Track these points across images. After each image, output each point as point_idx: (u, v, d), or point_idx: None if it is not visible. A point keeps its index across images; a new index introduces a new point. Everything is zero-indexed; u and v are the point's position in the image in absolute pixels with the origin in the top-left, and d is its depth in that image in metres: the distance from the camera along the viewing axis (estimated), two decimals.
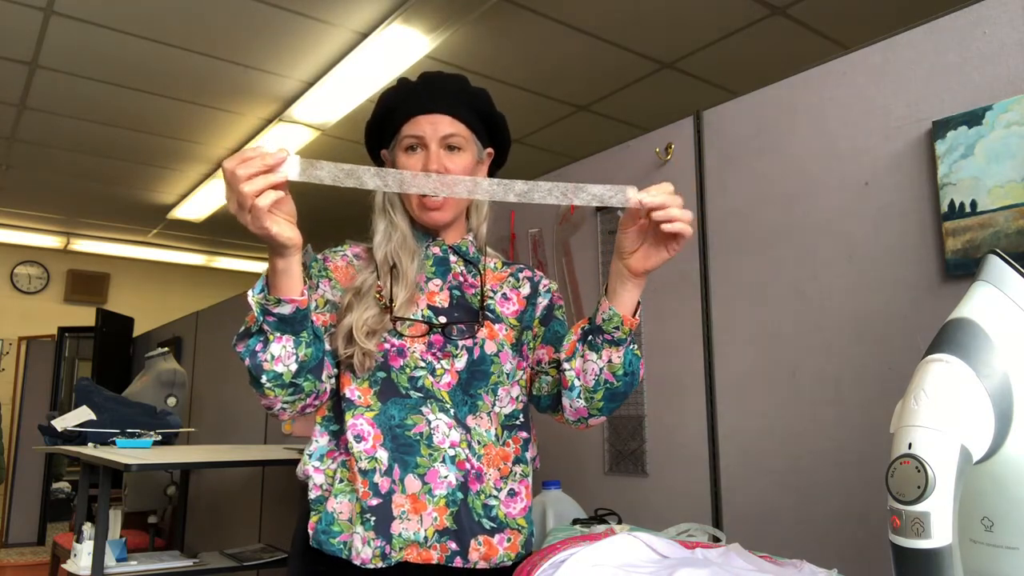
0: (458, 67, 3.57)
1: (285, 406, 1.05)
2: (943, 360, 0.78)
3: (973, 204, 1.24)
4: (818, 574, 0.94)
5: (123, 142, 4.62)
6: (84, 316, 6.46)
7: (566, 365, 1.11)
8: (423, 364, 1.11)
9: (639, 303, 1.06)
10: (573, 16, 3.21)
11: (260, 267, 7.74)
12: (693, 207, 1.73)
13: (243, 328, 1.00)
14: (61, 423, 2.95)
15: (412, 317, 1.13)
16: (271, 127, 4.30)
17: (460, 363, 1.13)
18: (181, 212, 5.99)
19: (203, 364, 4.58)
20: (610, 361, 1.06)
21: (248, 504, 3.66)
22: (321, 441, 1.14)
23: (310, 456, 1.13)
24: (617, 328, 1.05)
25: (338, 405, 1.13)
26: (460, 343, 1.14)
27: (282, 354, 0.98)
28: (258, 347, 0.99)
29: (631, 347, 1.08)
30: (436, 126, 1.16)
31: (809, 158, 1.53)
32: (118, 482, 3.75)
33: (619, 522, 1.50)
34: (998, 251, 0.84)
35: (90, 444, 2.83)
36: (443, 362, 1.12)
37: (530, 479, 1.16)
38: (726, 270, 1.66)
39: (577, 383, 1.10)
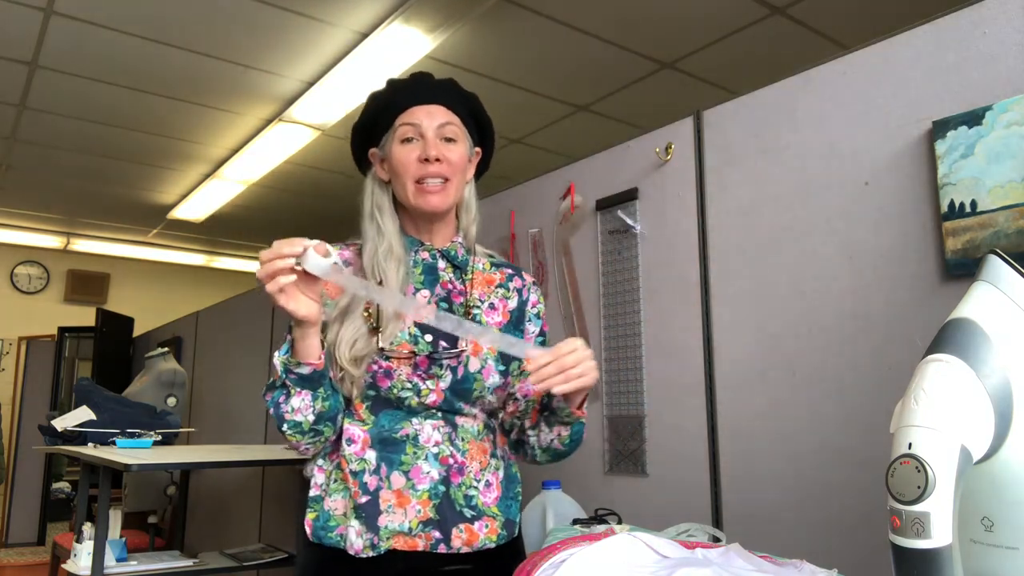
0: (458, 67, 3.57)
1: (308, 446, 1.16)
2: (943, 360, 0.78)
3: (973, 204, 1.24)
4: (818, 574, 0.94)
5: (123, 142, 4.62)
6: (84, 316, 6.46)
7: (530, 432, 1.22)
8: (409, 386, 1.15)
9: (586, 396, 1.16)
10: (573, 16, 3.21)
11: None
12: (693, 207, 1.74)
13: (270, 380, 1.13)
14: (61, 423, 2.95)
15: (400, 337, 1.15)
16: (271, 127, 4.30)
17: (444, 383, 1.16)
18: (181, 212, 5.99)
19: (203, 364, 4.58)
20: (559, 435, 1.20)
21: (248, 504, 3.66)
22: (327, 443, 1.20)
23: (315, 456, 1.20)
24: (568, 416, 1.16)
25: None
26: (445, 363, 1.16)
27: (301, 406, 1.10)
28: (281, 399, 1.10)
29: (580, 420, 1.19)
30: (432, 115, 1.19)
31: (809, 158, 1.53)
32: (118, 482, 3.75)
33: (619, 522, 1.50)
34: (998, 251, 0.84)
35: (90, 444, 2.83)
36: (428, 383, 1.15)
37: (502, 472, 1.23)
38: (726, 270, 1.66)
39: (536, 444, 1.22)
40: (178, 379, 4.11)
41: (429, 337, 1.16)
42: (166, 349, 4.31)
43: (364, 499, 1.12)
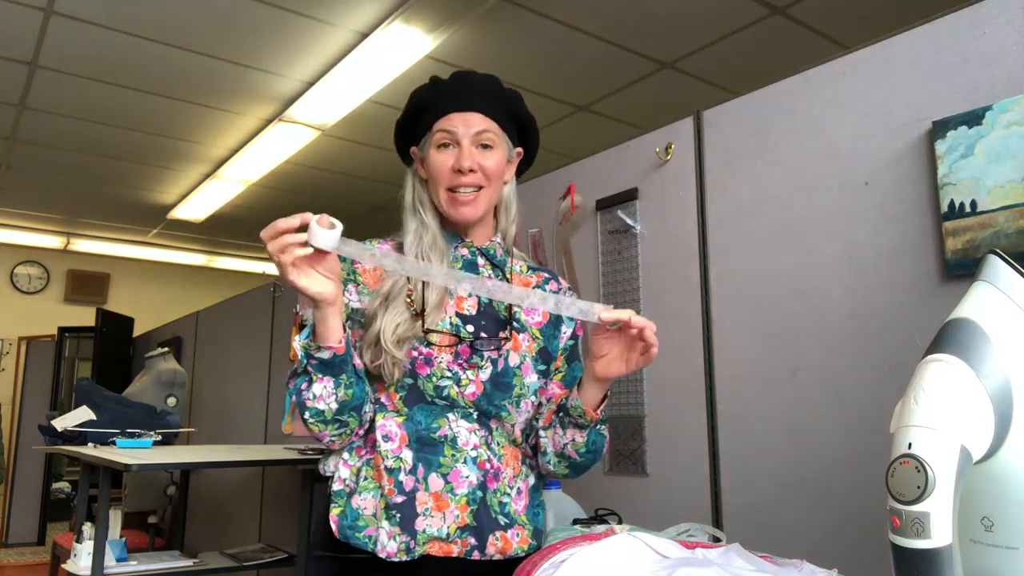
0: (458, 67, 3.55)
1: (334, 438, 1.12)
2: (943, 360, 0.78)
3: (973, 204, 1.24)
4: (818, 574, 0.94)
5: (123, 142, 4.62)
6: (84, 316, 6.46)
7: (542, 433, 1.18)
8: (449, 374, 1.13)
9: (606, 396, 1.14)
10: (573, 16, 3.21)
11: (260, 267, 7.75)
12: (693, 207, 1.73)
13: (293, 368, 1.10)
14: (61, 423, 2.95)
15: (441, 326, 1.14)
16: (271, 127, 4.30)
17: (484, 374, 1.15)
18: (181, 212, 5.99)
19: (203, 364, 4.58)
20: (574, 440, 1.15)
21: (248, 504, 3.66)
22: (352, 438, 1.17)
23: (339, 451, 1.17)
24: (581, 416, 1.13)
25: None
26: (486, 354, 1.15)
27: (323, 393, 1.06)
28: (303, 386, 1.07)
29: (596, 428, 1.16)
30: (469, 123, 1.18)
31: (809, 158, 1.53)
32: (118, 482, 3.75)
33: (619, 522, 1.50)
34: (998, 251, 0.84)
35: (90, 444, 2.83)
36: (468, 372, 1.14)
37: (530, 480, 1.21)
38: (726, 270, 1.66)
39: (549, 449, 1.18)
40: (178, 379, 4.11)
41: (471, 327, 1.16)
42: (166, 349, 4.31)
43: (399, 499, 1.09)
